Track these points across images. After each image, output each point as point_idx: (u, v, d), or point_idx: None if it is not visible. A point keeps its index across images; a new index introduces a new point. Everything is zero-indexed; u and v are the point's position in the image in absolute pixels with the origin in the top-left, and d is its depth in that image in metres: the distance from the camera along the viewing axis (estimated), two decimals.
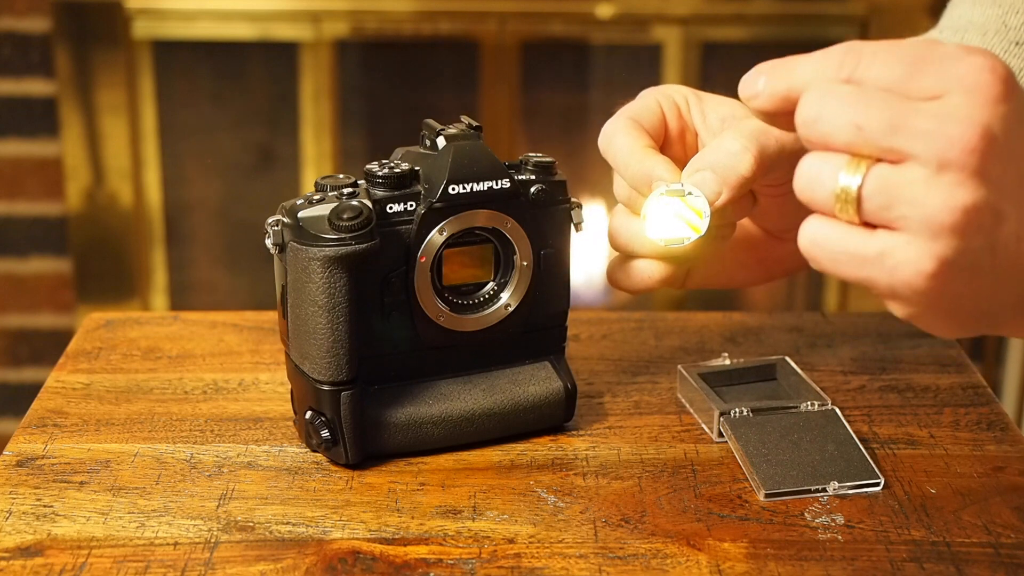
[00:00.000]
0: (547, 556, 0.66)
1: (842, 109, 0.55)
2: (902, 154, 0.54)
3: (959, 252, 0.54)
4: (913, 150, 0.54)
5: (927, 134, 0.53)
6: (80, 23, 2.03)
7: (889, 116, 0.54)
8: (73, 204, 2.09)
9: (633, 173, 0.72)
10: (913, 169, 0.54)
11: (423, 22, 2.10)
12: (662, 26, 2.12)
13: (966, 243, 0.54)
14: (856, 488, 0.71)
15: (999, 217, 0.54)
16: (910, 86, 0.55)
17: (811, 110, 0.56)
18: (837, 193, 0.55)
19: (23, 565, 0.65)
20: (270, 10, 2.08)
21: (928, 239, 0.54)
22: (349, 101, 2.16)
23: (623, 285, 0.74)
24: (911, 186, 0.54)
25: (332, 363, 0.71)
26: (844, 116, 0.55)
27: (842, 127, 0.55)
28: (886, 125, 0.54)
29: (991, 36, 0.85)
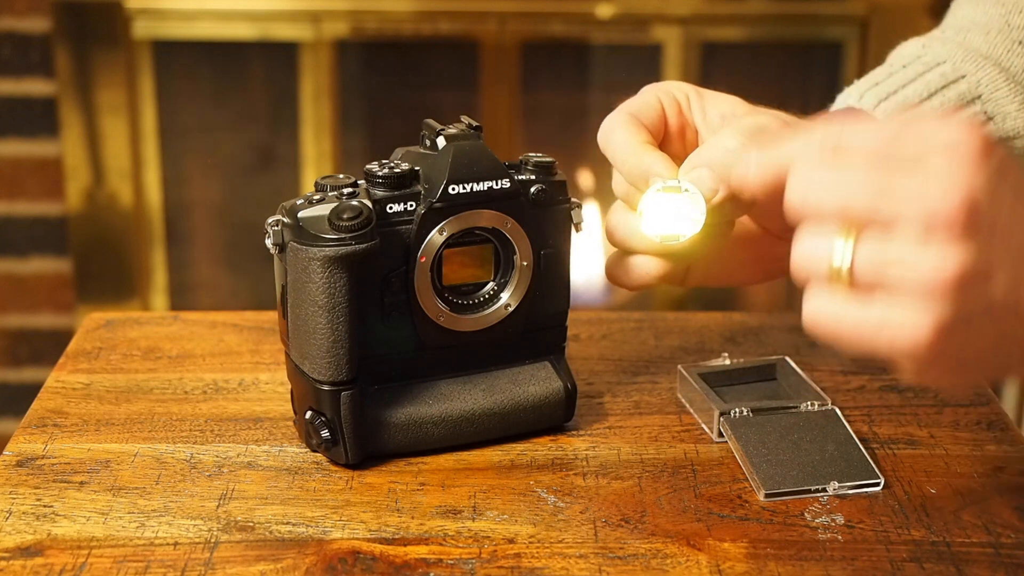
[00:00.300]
0: (547, 556, 0.66)
1: (827, 184, 0.56)
2: (890, 218, 0.55)
3: (954, 313, 0.55)
4: (899, 213, 0.55)
5: (911, 197, 0.55)
6: (80, 23, 2.03)
7: (874, 185, 0.55)
8: (73, 204, 2.09)
9: (630, 168, 0.72)
10: (902, 233, 0.55)
11: (423, 22, 2.10)
12: (662, 26, 2.12)
13: (960, 304, 0.55)
14: (856, 488, 0.71)
15: (990, 274, 0.55)
16: (892, 154, 0.56)
17: (798, 187, 0.57)
18: (831, 269, 0.56)
19: (23, 565, 0.65)
20: (270, 10, 2.08)
21: (923, 303, 0.55)
22: (349, 101, 2.16)
23: (621, 282, 0.74)
24: (901, 253, 0.55)
25: (332, 363, 0.71)
26: (830, 191, 0.56)
27: (829, 202, 0.56)
28: (872, 193, 0.55)
29: (994, 35, 0.85)
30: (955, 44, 0.85)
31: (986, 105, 0.83)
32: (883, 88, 0.84)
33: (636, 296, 2.30)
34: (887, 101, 0.83)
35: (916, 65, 0.85)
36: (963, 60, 0.84)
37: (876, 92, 0.84)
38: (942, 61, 0.84)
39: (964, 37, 0.86)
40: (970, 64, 0.84)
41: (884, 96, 0.83)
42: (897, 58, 0.87)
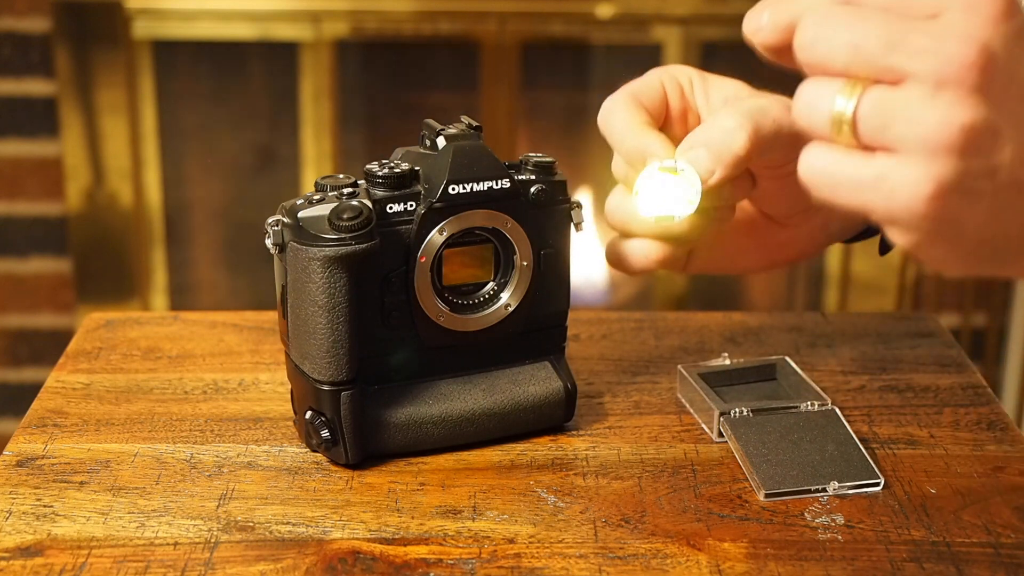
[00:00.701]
0: (547, 556, 0.66)
1: (839, 30, 0.54)
2: (900, 73, 0.53)
3: (957, 173, 0.53)
4: (910, 68, 0.53)
5: (925, 51, 0.52)
6: (80, 23, 2.03)
7: (886, 34, 0.53)
8: (73, 204, 2.09)
9: (628, 149, 0.72)
10: (910, 88, 0.53)
11: (423, 22, 2.10)
12: (662, 26, 2.12)
13: (964, 164, 0.53)
14: (856, 488, 0.71)
15: (998, 137, 0.53)
16: (910, 3, 0.54)
17: (808, 33, 0.55)
18: (833, 116, 0.54)
19: (23, 565, 0.65)
20: (270, 10, 2.08)
21: (926, 160, 0.53)
22: (349, 101, 2.16)
23: (621, 266, 0.73)
24: (908, 105, 0.53)
25: (332, 363, 0.71)
26: (841, 37, 0.54)
27: (839, 48, 0.54)
28: (883, 43, 0.53)
29: None
30: None
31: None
32: None
33: (636, 296, 2.31)
34: None
35: None
36: None
37: None
38: None
39: None
40: None
41: None
42: None
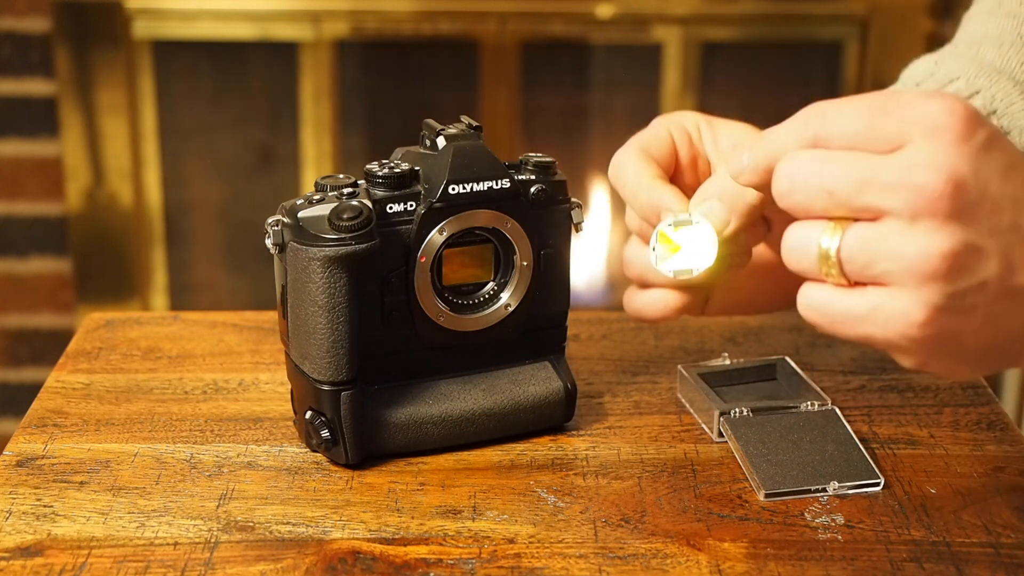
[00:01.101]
0: (547, 556, 0.66)
1: (810, 176, 0.56)
2: (875, 210, 0.55)
3: (947, 296, 0.54)
4: (884, 205, 0.54)
5: (895, 187, 0.54)
6: (80, 23, 2.03)
7: (856, 175, 0.55)
8: (73, 204, 2.09)
9: (642, 204, 0.72)
10: (888, 224, 0.55)
11: (423, 22, 2.10)
12: (662, 26, 2.12)
13: (952, 286, 0.54)
14: (856, 488, 0.71)
15: (981, 254, 0.54)
16: (874, 137, 0.55)
17: (784, 182, 0.57)
18: (820, 256, 0.56)
19: (23, 565, 0.65)
20: (270, 10, 2.08)
21: (914, 289, 0.54)
22: (349, 101, 2.16)
23: (641, 315, 0.74)
24: (888, 240, 0.54)
25: (332, 363, 0.71)
26: (813, 183, 0.56)
27: (814, 193, 0.56)
28: (854, 184, 0.55)
29: (1007, 48, 0.85)
30: (968, 59, 0.85)
31: (1002, 120, 0.83)
32: None
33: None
34: None
35: (930, 83, 0.84)
36: (976, 75, 0.84)
37: None
38: (955, 77, 0.84)
39: (977, 51, 0.85)
40: (983, 79, 0.83)
41: None
42: (910, 76, 0.87)
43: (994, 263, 0.55)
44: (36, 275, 2.13)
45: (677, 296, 0.73)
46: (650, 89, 2.17)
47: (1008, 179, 0.55)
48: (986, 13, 0.88)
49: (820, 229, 0.57)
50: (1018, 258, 0.55)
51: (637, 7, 2.10)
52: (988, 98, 0.83)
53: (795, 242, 0.58)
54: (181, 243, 2.21)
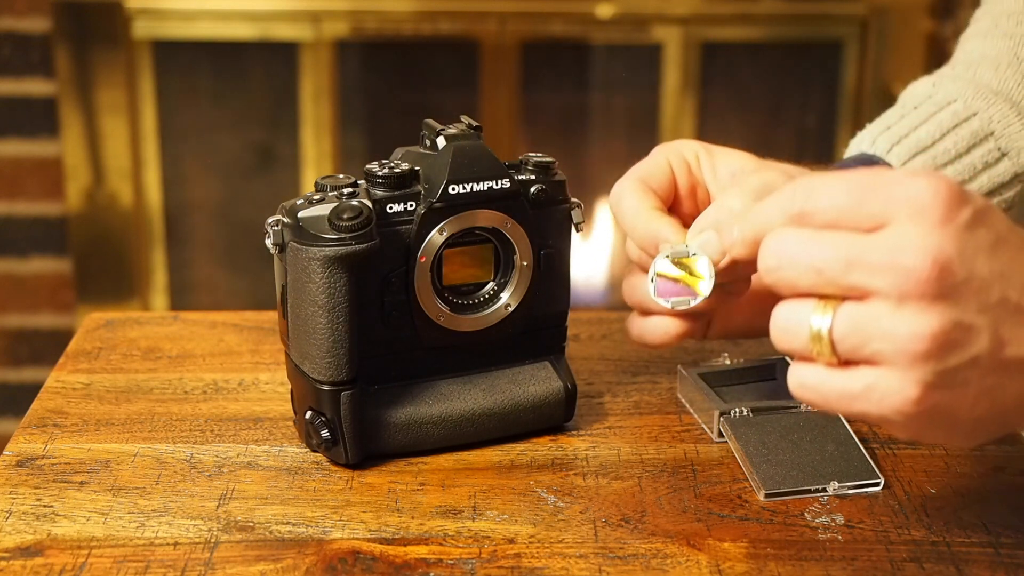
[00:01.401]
0: (547, 556, 0.66)
1: (798, 255, 0.57)
2: (863, 290, 0.56)
3: (938, 374, 0.55)
4: (872, 285, 0.55)
5: (882, 268, 0.55)
6: (80, 23, 2.03)
7: (844, 255, 0.56)
8: (73, 204, 2.09)
9: (640, 235, 0.73)
10: (877, 304, 0.55)
11: (423, 22, 2.10)
12: (662, 26, 2.13)
13: (943, 364, 0.55)
14: (856, 488, 0.71)
15: (971, 331, 0.55)
16: (859, 214, 0.56)
17: (771, 260, 0.58)
18: (812, 335, 0.57)
19: (23, 565, 0.65)
20: (270, 10, 2.08)
21: (906, 368, 0.55)
22: (349, 101, 2.16)
23: (643, 341, 0.75)
24: (878, 321, 0.55)
25: (332, 363, 0.71)
26: (802, 262, 0.57)
27: (802, 272, 0.57)
28: (842, 264, 0.56)
29: (1003, 69, 0.85)
30: (965, 81, 0.85)
31: (999, 141, 0.83)
32: (895, 131, 0.84)
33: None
34: (900, 144, 0.83)
35: (927, 105, 0.85)
36: (974, 97, 0.84)
37: (889, 136, 0.84)
38: (953, 99, 0.84)
39: (974, 73, 0.86)
40: (981, 101, 0.84)
41: (897, 140, 0.84)
42: (908, 98, 0.87)
43: (984, 339, 0.56)
44: (36, 275, 2.13)
45: (678, 323, 0.74)
46: (650, 89, 2.18)
47: (995, 255, 0.56)
48: (983, 34, 0.88)
49: (810, 308, 0.57)
50: (1007, 332, 0.56)
51: (637, 7, 2.10)
52: (985, 120, 0.83)
53: (784, 321, 0.58)
54: (181, 243, 2.22)
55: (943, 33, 2.11)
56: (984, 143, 0.83)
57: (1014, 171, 0.84)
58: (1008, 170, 0.84)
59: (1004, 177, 0.84)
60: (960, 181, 0.83)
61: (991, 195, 0.84)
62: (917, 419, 0.57)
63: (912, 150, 0.83)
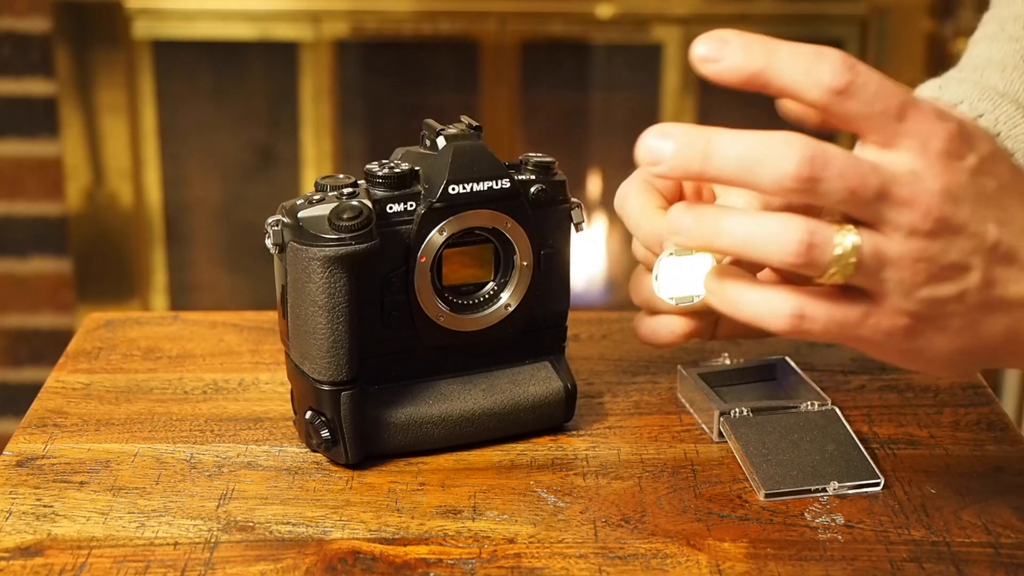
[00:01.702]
0: (547, 556, 0.66)
1: (841, 170, 0.57)
2: (883, 220, 0.57)
3: (929, 303, 0.58)
4: (890, 216, 0.57)
5: (903, 204, 0.57)
6: (80, 23, 2.03)
7: (878, 181, 0.57)
8: (73, 204, 2.09)
9: (644, 234, 0.73)
10: (892, 235, 0.57)
11: (423, 22, 2.10)
12: (662, 26, 2.12)
13: (935, 294, 0.58)
14: (856, 488, 0.71)
15: (965, 268, 0.58)
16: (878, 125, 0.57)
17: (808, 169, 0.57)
18: (839, 256, 0.57)
19: (23, 565, 0.65)
20: (270, 10, 2.08)
21: (902, 297, 0.58)
22: (349, 101, 2.16)
23: (650, 340, 0.75)
24: (890, 250, 0.58)
25: (332, 363, 0.71)
26: (843, 180, 0.57)
27: (838, 189, 0.57)
28: (874, 193, 0.57)
29: (1010, 72, 0.86)
30: (971, 83, 0.86)
31: (1005, 142, 0.84)
32: None
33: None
34: None
35: None
36: (980, 99, 0.84)
37: None
38: (959, 101, 0.85)
39: (980, 75, 0.86)
40: (987, 102, 0.84)
41: None
42: None
43: (975, 277, 0.58)
44: (36, 275, 2.13)
45: (685, 322, 0.74)
46: (650, 89, 2.17)
47: (994, 202, 0.59)
48: (990, 37, 0.89)
49: (832, 229, 0.57)
50: (998, 273, 0.59)
51: (637, 7, 2.10)
52: (991, 121, 0.84)
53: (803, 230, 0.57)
54: (181, 243, 2.21)
55: (943, 33, 2.11)
56: None
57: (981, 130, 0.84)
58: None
59: None
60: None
61: None
62: (903, 345, 0.59)
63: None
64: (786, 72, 0.58)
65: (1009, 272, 0.59)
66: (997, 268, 0.59)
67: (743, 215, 0.59)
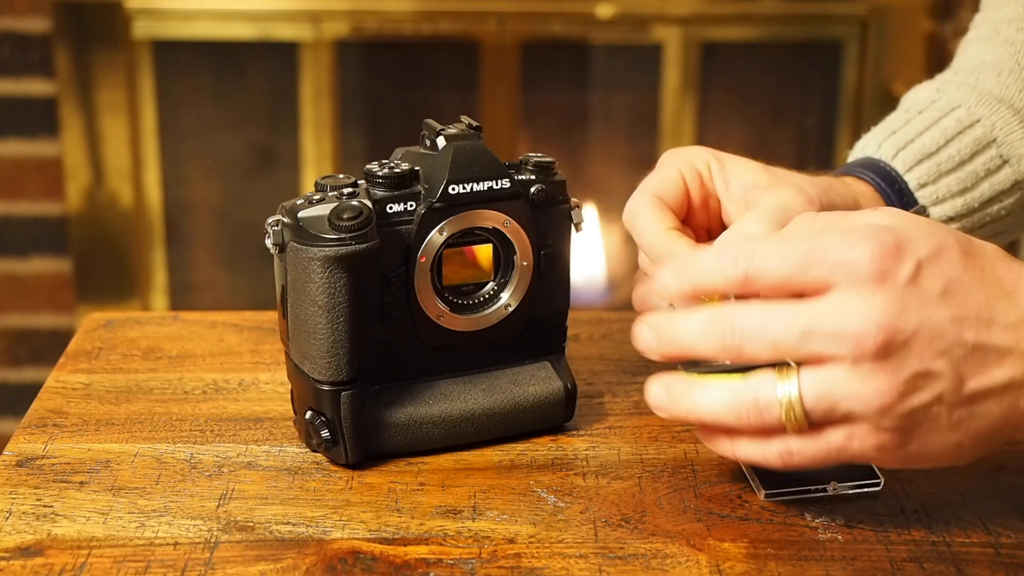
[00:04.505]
0: (547, 556, 0.66)
1: (755, 331, 0.60)
2: (819, 356, 0.59)
3: (906, 417, 0.59)
4: (827, 351, 0.58)
5: (834, 337, 0.58)
6: (80, 23, 2.03)
7: (798, 326, 0.59)
8: (73, 204, 2.09)
9: (657, 257, 0.74)
10: (836, 369, 0.59)
11: (423, 22, 2.10)
12: (662, 26, 2.13)
13: (910, 407, 0.59)
14: (856, 488, 0.71)
15: (930, 376, 0.59)
16: (802, 280, 0.59)
17: (728, 339, 0.60)
18: (785, 408, 0.60)
19: (23, 565, 0.65)
20: (270, 10, 2.08)
21: (876, 420, 0.59)
22: (349, 101, 2.16)
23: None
24: (841, 385, 0.59)
25: (332, 363, 0.71)
26: (760, 338, 0.59)
27: (761, 348, 0.60)
28: (797, 336, 0.59)
29: (1005, 76, 0.86)
30: (968, 87, 0.86)
31: (1001, 148, 0.84)
32: (900, 136, 0.85)
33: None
34: (905, 150, 0.84)
35: (931, 111, 0.85)
36: (977, 104, 0.85)
37: (894, 140, 0.85)
38: (957, 106, 0.85)
39: (976, 79, 0.86)
40: (984, 108, 0.85)
41: (902, 145, 0.84)
42: (912, 102, 0.88)
43: (945, 380, 0.59)
44: (36, 275, 2.13)
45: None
46: (650, 89, 2.18)
47: (944, 302, 0.59)
48: (984, 40, 0.89)
49: (773, 380, 0.60)
50: (967, 369, 0.59)
51: (637, 7, 2.10)
52: (988, 127, 0.84)
53: (750, 395, 0.61)
54: (181, 243, 2.22)
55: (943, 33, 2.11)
56: (986, 150, 0.84)
57: (1014, 178, 0.85)
58: (1009, 177, 0.85)
59: (1005, 184, 0.85)
60: (962, 189, 0.83)
61: (991, 202, 0.85)
62: (899, 454, 0.61)
63: (917, 156, 0.83)
64: (706, 280, 0.62)
65: (983, 362, 0.59)
66: (967, 364, 0.59)
67: (709, 391, 0.62)
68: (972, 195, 0.84)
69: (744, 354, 0.60)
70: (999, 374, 0.59)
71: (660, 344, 0.64)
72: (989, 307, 0.59)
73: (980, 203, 0.84)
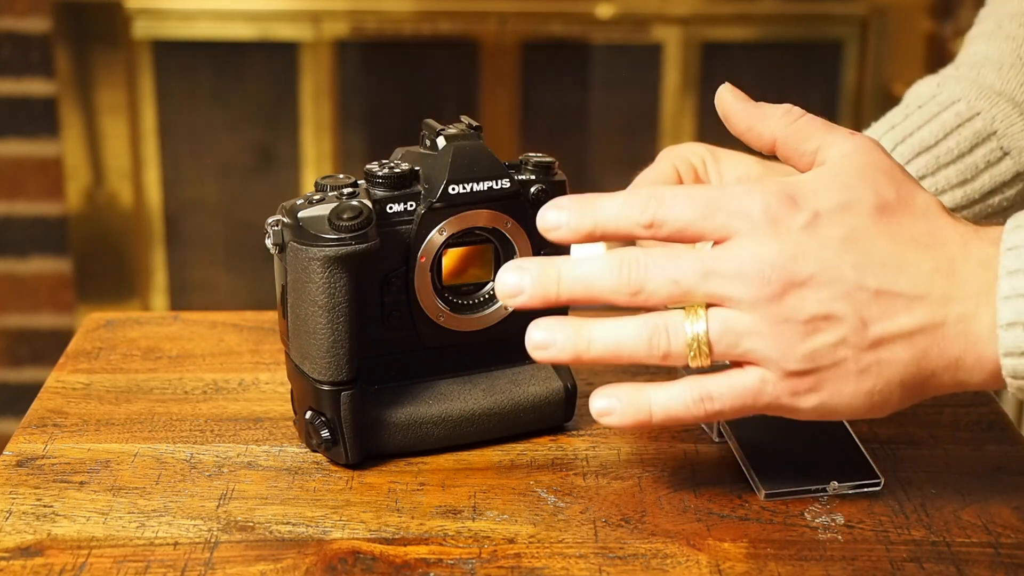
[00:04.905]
0: (547, 556, 0.66)
1: (658, 267, 0.60)
2: (720, 297, 0.60)
3: (808, 357, 0.60)
4: (726, 291, 0.60)
5: (732, 276, 0.59)
6: (80, 23, 2.03)
7: (700, 265, 0.60)
8: (73, 204, 2.09)
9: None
10: (736, 309, 0.60)
11: (423, 22, 2.10)
12: (662, 26, 2.12)
13: (811, 347, 0.60)
14: (856, 488, 0.71)
15: (831, 318, 0.59)
16: (704, 226, 0.60)
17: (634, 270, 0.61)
18: (689, 341, 0.61)
19: (23, 565, 0.65)
20: (270, 10, 2.08)
21: (780, 363, 0.60)
22: (349, 101, 2.16)
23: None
24: (742, 321, 0.60)
25: (332, 363, 0.71)
26: (662, 273, 0.60)
27: (662, 284, 0.60)
28: (699, 274, 0.60)
29: (1006, 70, 0.86)
30: (969, 81, 0.86)
31: (1001, 141, 0.84)
32: (900, 131, 0.85)
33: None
34: (904, 144, 0.85)
35: (931, 105, 0.86)
36: (977, 97, 0.85)
37: (893, 135, 0.85)
38: (956, 99, 0.85)
39: (977, 74, 0.87)
40: (984, 101, 0.85)
41: (901, 139, 0.85)
42: (913, 98, 0.88)
43: (848, 323, 0.59)
44: (36, 275, 2.13)
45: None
46: (650, 89, 2.18)
47: (845, 248, 0.60)
48: (987, 35, 0.89)
49: (680, 317, 0.61)
50: (872, 313, 0.60)
51: (637, 7, 2.10)
52: (988, 120, 0.84)
53: (655, 331, 0.61)
54: (181, 243, 2.21)
55: (943, 33, 2.11)
56: (987, 143, 0.84)
57: (1015, 170, 0.85)
58: (1010, 169, 0.85)
59: (1006, 176, 0.85)
60: (961, 181, 0.84)
61: (992, 194, 0.85)
62: (816, 401, 0.61)
63: (916, 149, 0.84)
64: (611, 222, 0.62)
65: (887, 307, 0.60)
66: (871, 308, 0.59)
67: (607, 323, 0.63)
68: (972, 187, 0.84)
69: (645, 288, 0.61)
70: (906, 320, 0.60)
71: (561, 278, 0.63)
72: (899, 256, 0.60)
73: (981, 195, 0.85)
